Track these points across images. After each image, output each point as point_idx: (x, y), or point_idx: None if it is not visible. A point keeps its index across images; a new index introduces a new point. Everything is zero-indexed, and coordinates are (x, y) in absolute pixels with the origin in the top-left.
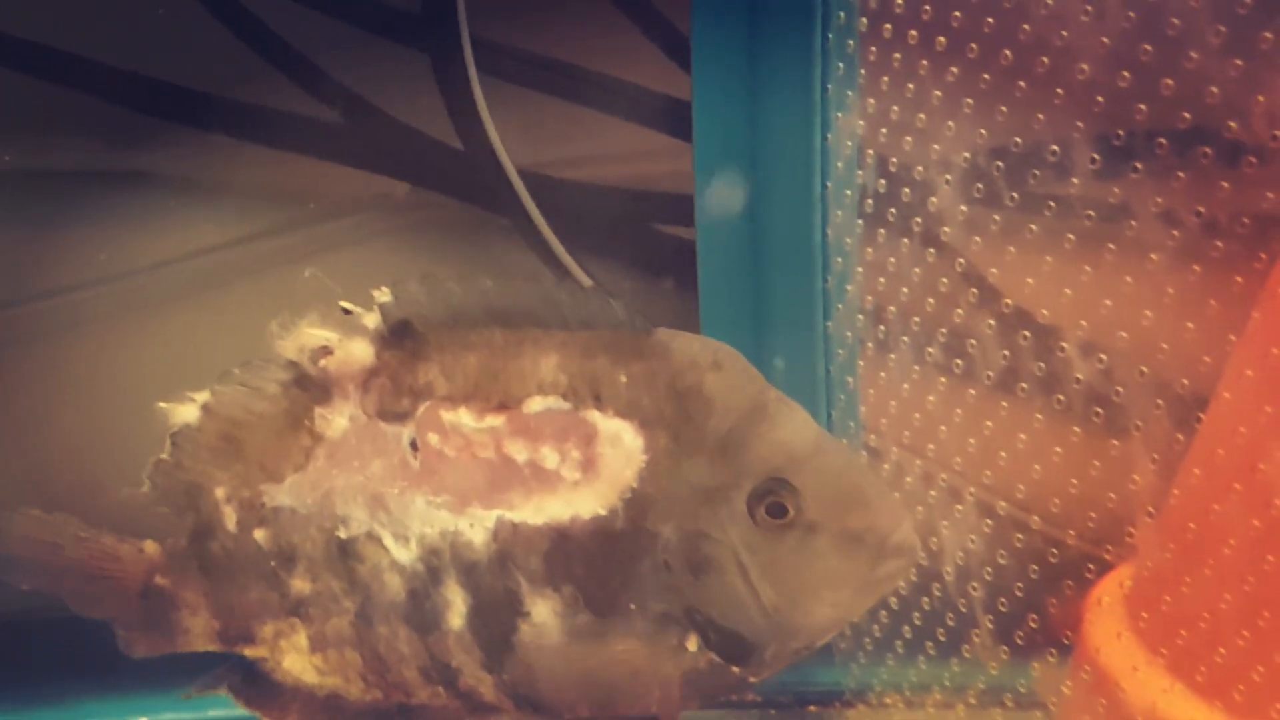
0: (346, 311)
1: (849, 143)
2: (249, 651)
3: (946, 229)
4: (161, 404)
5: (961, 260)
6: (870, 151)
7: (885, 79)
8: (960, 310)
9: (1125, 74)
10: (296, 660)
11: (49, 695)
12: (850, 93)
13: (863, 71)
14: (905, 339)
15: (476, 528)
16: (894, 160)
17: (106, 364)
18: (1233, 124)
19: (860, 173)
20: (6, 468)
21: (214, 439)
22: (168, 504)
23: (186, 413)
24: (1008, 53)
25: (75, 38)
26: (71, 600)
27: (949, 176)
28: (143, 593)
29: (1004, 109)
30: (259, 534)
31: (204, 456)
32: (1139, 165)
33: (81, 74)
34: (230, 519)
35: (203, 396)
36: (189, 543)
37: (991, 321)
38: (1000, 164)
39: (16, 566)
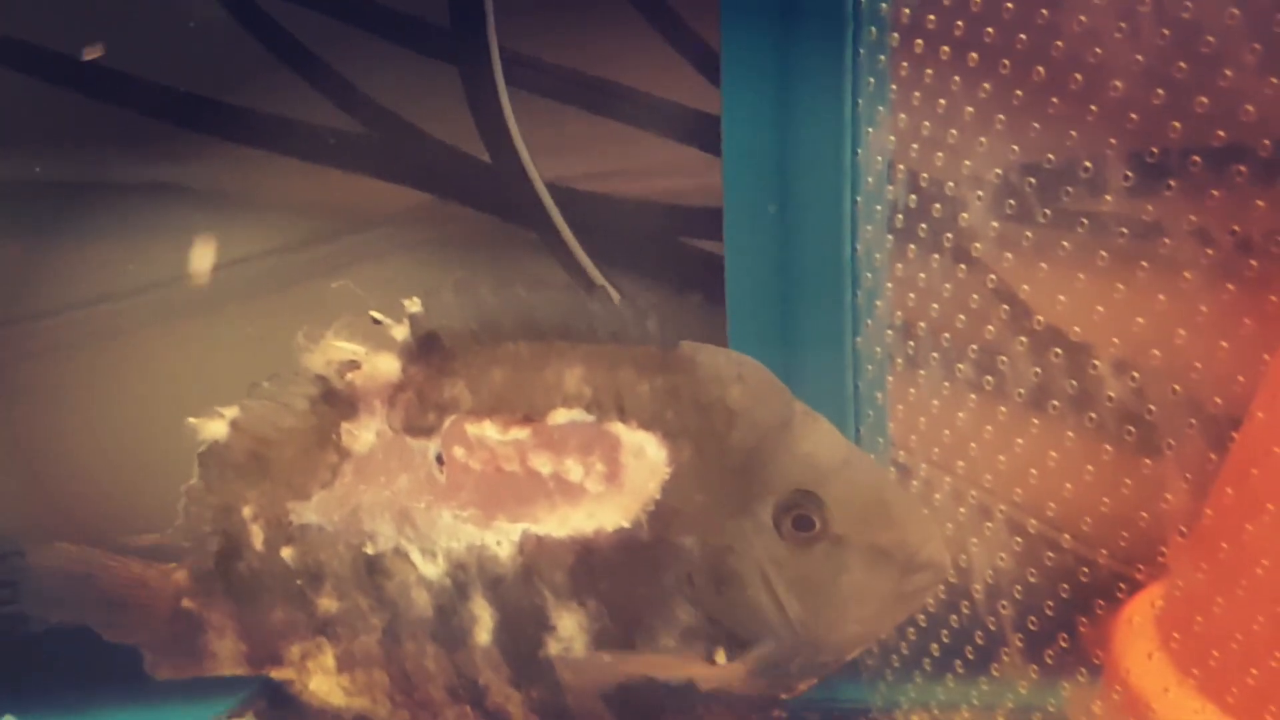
0: (376, 322)
1: (879, 158)
2: (276, 674)
3: (977, 245)
4: (191, 420)
5: (993, 277)
6: (901, 167)
7: (917, 94)
8: (991, 327)
9: (1159, 91)
10: (323, 681)
11: (75, 706)
12: (881, 108)
13: (894, 87)
14: (935, 355)
15: (503, 542)
16: (925, 176)
17: (134, 375)
18: (1267, 142)
19: (890, 188)
20: (30, 480)
21: (242, 456)
22: (197, 531)
23: (215, 429)
24: (1040, 69)
25: (106, 50)
26: (99, 628)
27: (980, 192)
28: (170, 617)
29: (1036, 125)
30: (286, 552)
31: (231, 475)
32: (1173, 183)
33: (111, 86)
34: (258, 538)
35: (231, 412)
36: (216, 564)
37: (1023, 339)
38: (1032, 180)
39: (46, 601)
